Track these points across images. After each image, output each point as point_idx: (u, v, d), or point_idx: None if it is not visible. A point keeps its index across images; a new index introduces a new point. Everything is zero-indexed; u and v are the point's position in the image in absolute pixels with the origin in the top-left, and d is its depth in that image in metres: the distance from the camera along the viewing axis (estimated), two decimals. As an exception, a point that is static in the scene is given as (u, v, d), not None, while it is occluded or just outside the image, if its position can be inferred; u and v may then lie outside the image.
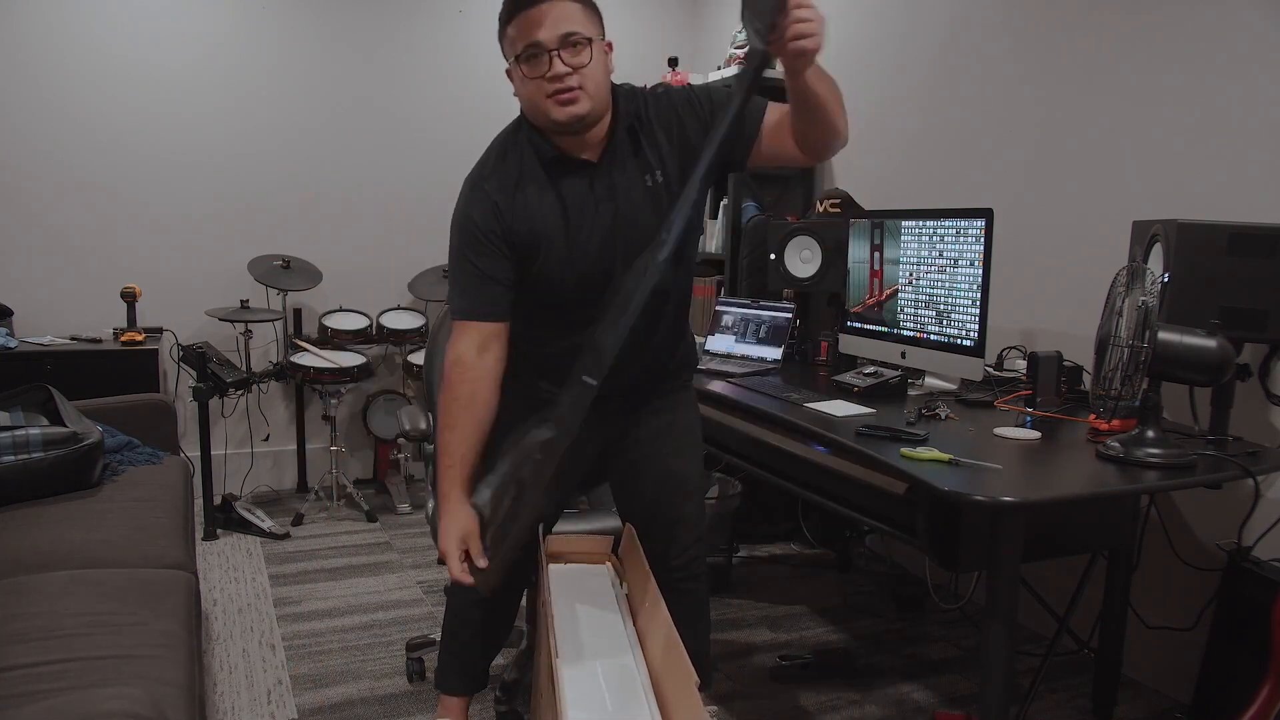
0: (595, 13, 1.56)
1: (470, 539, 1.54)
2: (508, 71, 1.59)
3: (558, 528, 1.82)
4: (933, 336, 2.51)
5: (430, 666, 2.49)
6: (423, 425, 2.45)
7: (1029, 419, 2.16)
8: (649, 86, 1.70)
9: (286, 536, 3.53)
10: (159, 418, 2.86)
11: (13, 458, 2.22)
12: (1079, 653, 2.53)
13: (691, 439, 1.90)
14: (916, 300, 2.56)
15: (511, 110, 1.66)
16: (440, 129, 4.16)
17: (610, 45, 1.59)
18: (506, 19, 1.53)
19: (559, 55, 1.49)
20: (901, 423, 2.03)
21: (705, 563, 1.94)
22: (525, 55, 1.51)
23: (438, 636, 2.53)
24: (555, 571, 1.75)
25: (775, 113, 1.63)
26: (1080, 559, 2.35)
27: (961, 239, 2.38)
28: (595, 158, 1.62)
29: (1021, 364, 2.56)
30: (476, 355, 1.63)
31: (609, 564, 1.83)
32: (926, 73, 3.18)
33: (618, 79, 1.64)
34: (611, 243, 1.63)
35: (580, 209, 1.62)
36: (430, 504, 2.30)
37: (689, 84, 1.69)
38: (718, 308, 3.19)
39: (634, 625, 1.57)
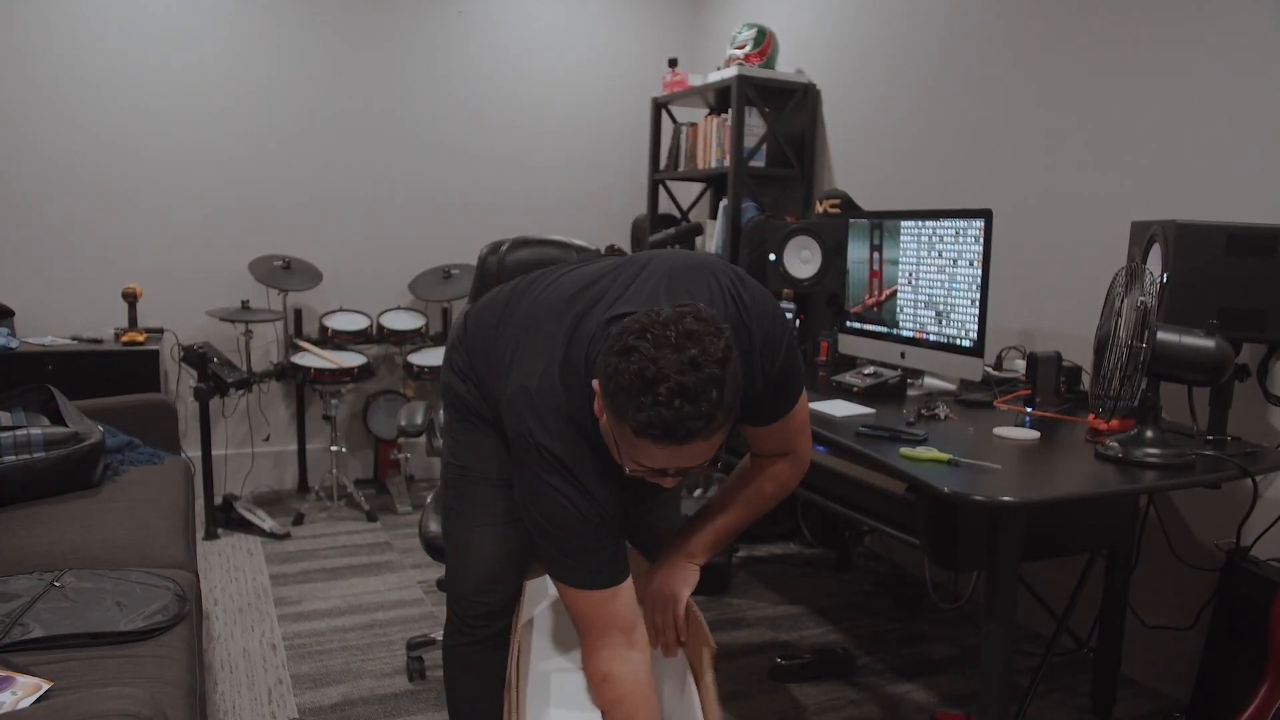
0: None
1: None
2: (597, 399, 1.24)
3: None
4: (932, 337, 2.51)
5: (430, 665, 2.50)
6: (420, 421, 2.46)
7: (1028, 419, 2.16)
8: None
9: (287, 536, 3.53)
10: (160, 418, 2.86)
11: (14, 457, 2.23)
12: (1078, 652, 2.53)
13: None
14: (916, 301, 2.56)
15: (512, 110, 1.57)
16: (441, 129, 4.16)
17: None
18: (637, 429, 1.16)
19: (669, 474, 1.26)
20: (901, 423, 2.04)
21: None
22: (636, 465, 1.24)
23: (438, 636, 2.55)
24: None
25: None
26: (1079, 559, 2.36)
27: (961, 239, 2.39)
28: None
29: (1021, 364, 2.56)
30: (625, 652, 1.37)
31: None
32: (926, 74, 3.19)
33: (617, 77, 1.32)
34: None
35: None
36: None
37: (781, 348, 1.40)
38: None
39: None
